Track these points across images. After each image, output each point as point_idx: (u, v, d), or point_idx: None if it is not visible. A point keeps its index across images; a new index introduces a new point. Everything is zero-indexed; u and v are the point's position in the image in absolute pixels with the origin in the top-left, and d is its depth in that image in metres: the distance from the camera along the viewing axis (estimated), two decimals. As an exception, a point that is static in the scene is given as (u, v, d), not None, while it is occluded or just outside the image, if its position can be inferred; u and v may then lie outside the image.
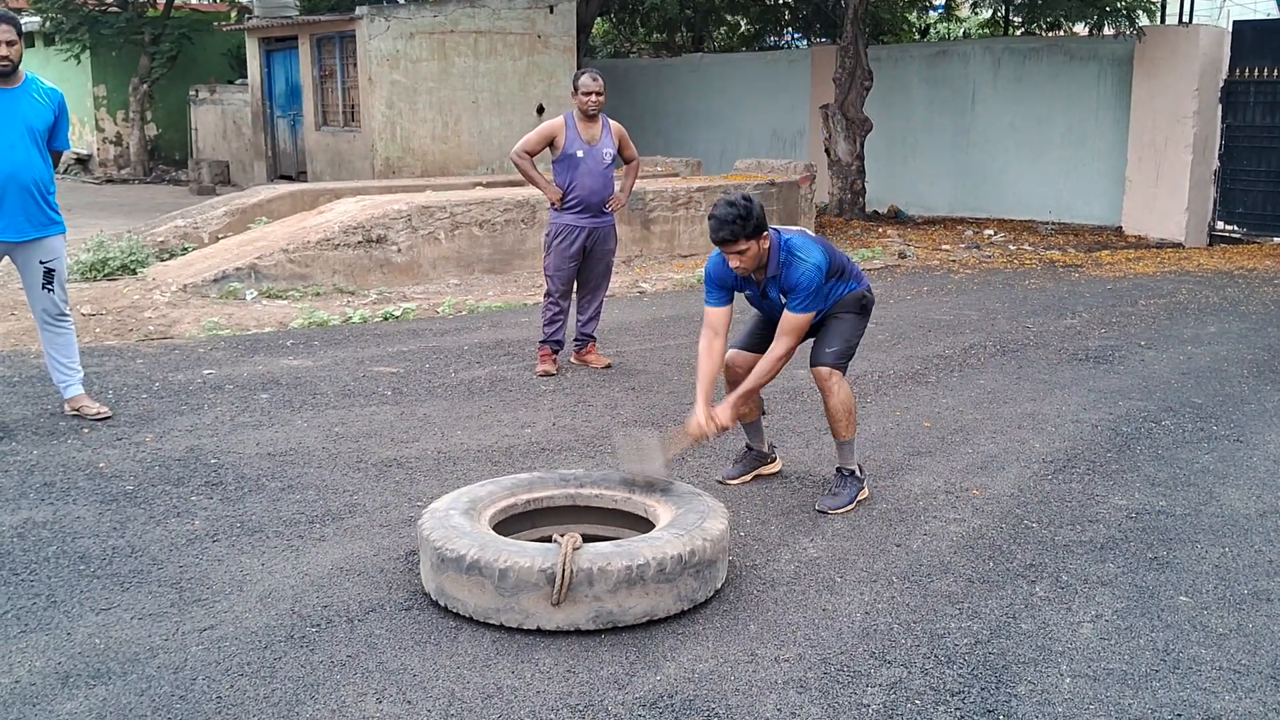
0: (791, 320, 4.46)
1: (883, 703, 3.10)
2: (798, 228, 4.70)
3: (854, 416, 4.66)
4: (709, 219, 4.37)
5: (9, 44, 5.29)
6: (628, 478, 4.18)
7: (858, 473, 4.71)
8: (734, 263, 4.41)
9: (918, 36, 23.45)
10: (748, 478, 4.94)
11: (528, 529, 4.06)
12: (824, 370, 4.59)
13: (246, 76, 19.51)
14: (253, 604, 3.66)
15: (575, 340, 7.10)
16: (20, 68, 5.42)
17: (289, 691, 3.12)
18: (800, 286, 4.41)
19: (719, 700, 3.10)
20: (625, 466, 4.25)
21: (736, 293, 4.66)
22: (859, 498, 4.67)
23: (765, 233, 4.37)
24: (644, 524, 3.99)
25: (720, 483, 4.87)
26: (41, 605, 3.63)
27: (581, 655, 3.34)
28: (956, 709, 3.07)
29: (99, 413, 5.66)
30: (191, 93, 21.73)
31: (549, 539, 3.66)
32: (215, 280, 9.12)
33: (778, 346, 4.48)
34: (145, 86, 21.81)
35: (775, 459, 5.07)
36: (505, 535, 3.84)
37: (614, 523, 4.11)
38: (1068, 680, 3.24)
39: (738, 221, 4.28)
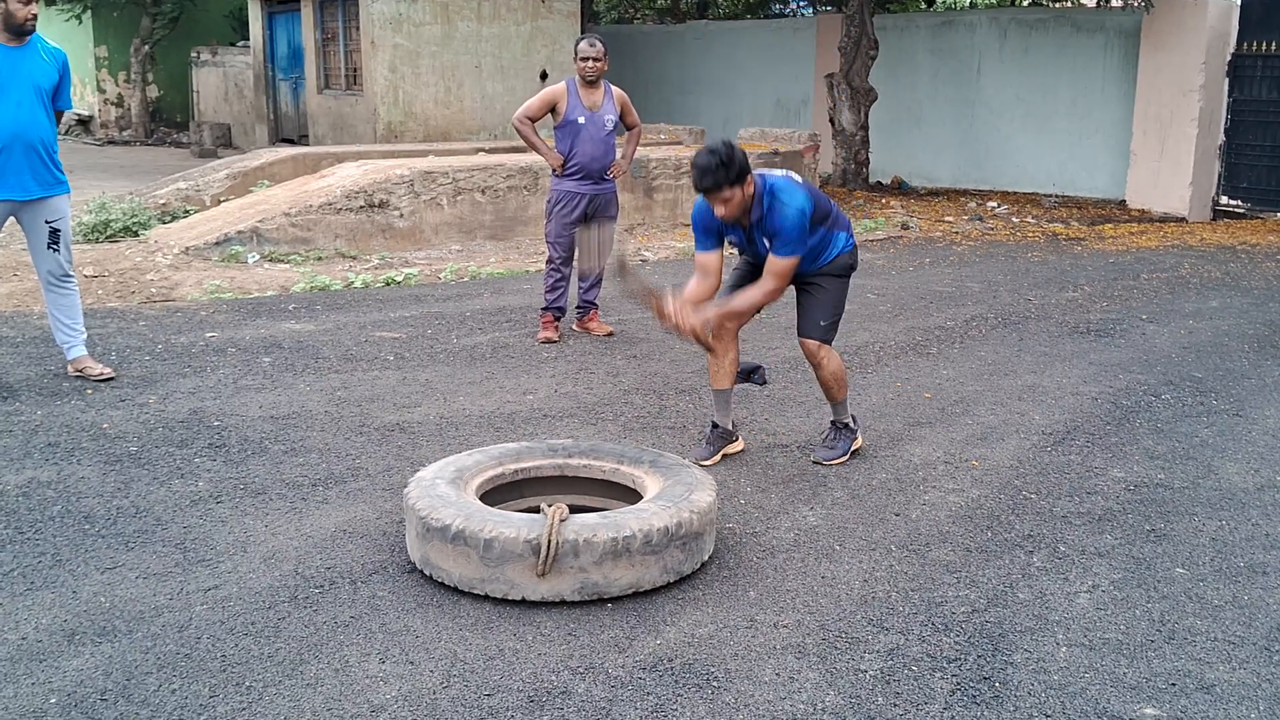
0: (776, 264, 4.45)
1: (880, 669, 3.13)
2: (783, 170, 4.64)
3: (844, 380, 4.79)
4: (691, 167, 4.32)
5: (35, 0, 5.33)
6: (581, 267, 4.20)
7: (851, 424, 4.83)
8: (719, 210, 4.36)
9: (924, 6, 23.29)
10: (717, 458, 4.84)
11: (515, 499, 4.05)
12: (813, 344, 4.70)
13: (248, 38, 19.39)
14: (256, 565, 3.68)
15: (577, 308, 7.10)
16: None
17: (292, 651, 3.15)
18: (784, 231, 4.38)
19: (718, 664, 3.13)
20: (580, 251, 4.27)
21: (725, 237, 4.63)
22: (853, 447, 4.80)
23: (749, 177, 4.33)
24: (632, 495, 3.98)
25: (694, 464, 4.78)
26: (47, 564, 3.66)
27: (582, 619, 3.37)
28: (953, 676, 3.10)
29: (102, 373, 5.68)
30: (193, 54, 21.61)
31: (536, 509, 3.66)
32: (217, 243, 9.11)
33: (764, 284, 4.49)
34: (147, 48, 21.70)
35: (738, 438, 4.97)
36: (492, 505, 3.83)
37: (602, 494, 4.10)
38: (1064, 649, 3.27)
39: (720, 169, 4.23)
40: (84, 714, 2.83)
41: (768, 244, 4.49)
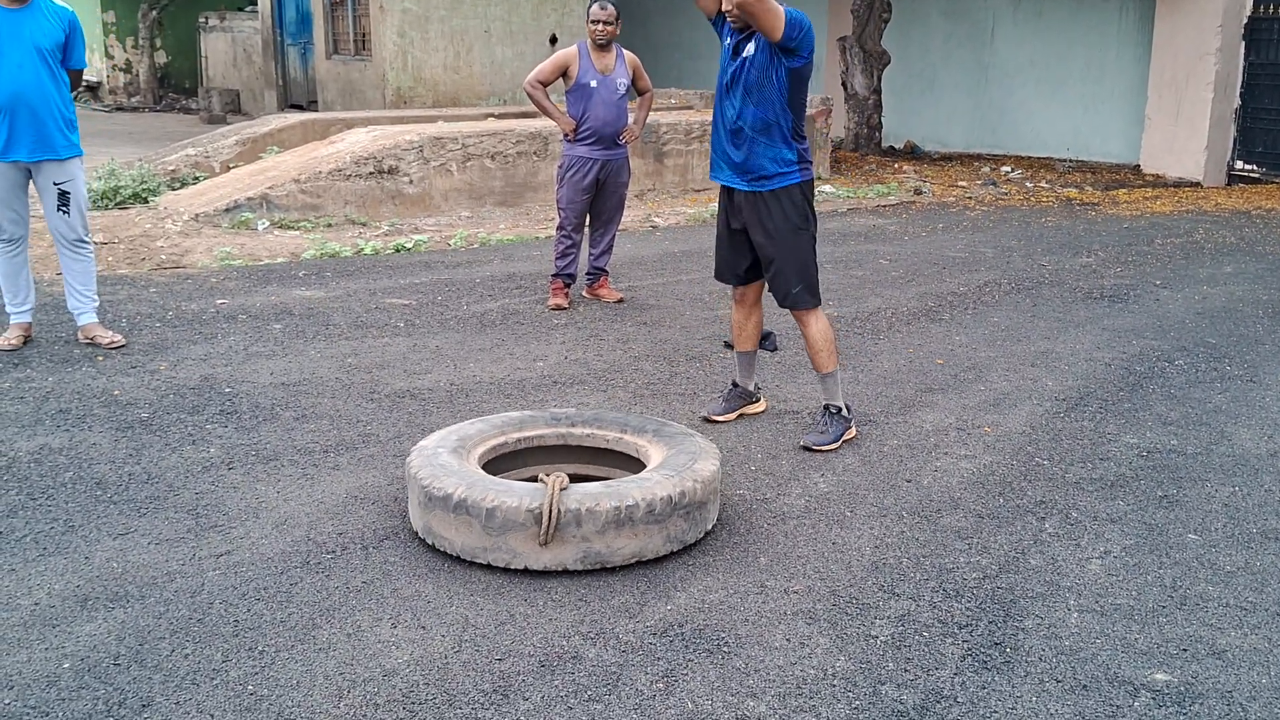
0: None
1: (891, 634, 3.13)
2: None
3: (834, 348, 4.59)
4: None
5: None
6: None
7: (844, 410, 4.63)
8: (727, 5, 4.23)
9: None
10: (732, 416, 4.86)
11: (518, 468, 4.03)
12: (795, 312, 4.60)
13: (256, 3, 19.29)
14: (268, 531, 3.69)
15: (587, 274, 7.08)
16: None
17: (305, 616, 3.16)
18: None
19: (729, 630, 3.14)
20: None
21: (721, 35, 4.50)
22: (845, 436, 4.59)
23: None
24: (635, 464, 3.96)
25: (705, 419, 4.81)
26: (60, 529, 3.67)
27: (593, 585, 3.37)
28: (964, 641, 3.10)
29: (112, 341, 5.68)
30: (201, 20, 21.52)
31: (537, 479, 3.64)
32: (227, 210, 9.10)
33: None
34: (155, 13, 21.63)
35: (760, 399, 5.00)
36: (495, 474, 3.82)
37: (605, 463, 4.08)
38: (1075, 615, 3.26)
39: None
40: (97, 678, 2.85)
41: (751, 49, 4.30)
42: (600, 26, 6.55)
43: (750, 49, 4.35)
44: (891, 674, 2.94)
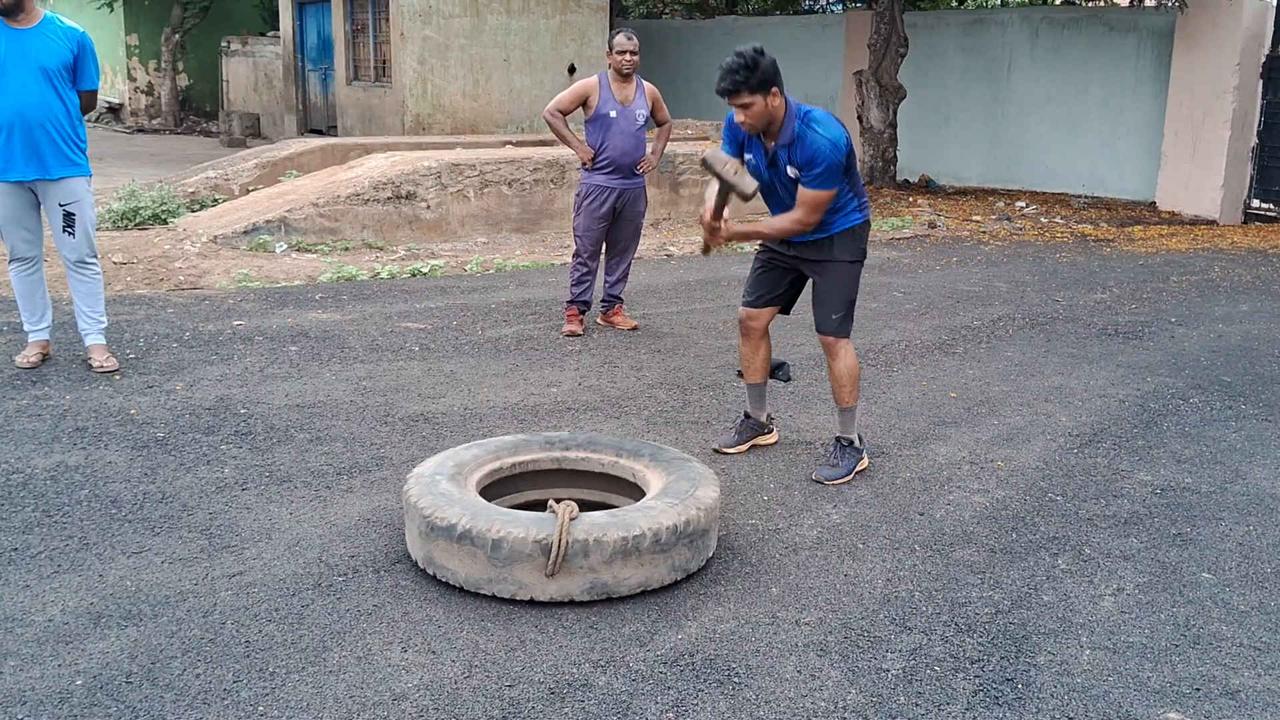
0: (809, 196, 4.26)
1: (902, 668, 3.12)
2: (823, 110, 4.46)
3: (857, 383, 4.61)
4: (718, 70, 4.17)
5: None
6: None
7: (857, 443, 4.64)
8: (739, 118, 4.22)
9: (955, 3, 23.17)
10: (744, 447, 4.86)
11: (513, 493, 4.01)
12: (829, 339, 4.58)
13: (278, 29, 19.49)
14: (281, 552, 3.71)
15: (602, 301, 7.10)
16: (37, 7, 5.39)
17: (316, 638, 3.16)
18: (817, 161, 4.20)
19: (740, 660, 3.13)
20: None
21: (746, 154, 4.46)
22: (858, 468, 4.61)
23: (774, 89, 4.16)
24: (630, 488, 3.95)
25: (716, 451, 4.81)
26: (74, 547, 3.69)
27: (604, 613, 3.37)
28: (975, 677, 3.09)
29: (102, 366, 5.63)
30: (223, 44, 21.75)
31: (533, 503, 3.60)
32: (245, 232, 9.16)
33: (795, 213, 4.30)
34: (177, 36, 21.85)
35: (773, 430, 5.00)
36: (490, 500, 3.80)
37: (600, 487, 4.06)
38: (1087, 652, 3.25)
39: (741, 71, 4.07)
40: (109, 696, 2.85)
41: (793, 173, 4.32)
42: (627, 56, 6.60)
43: (793, 172, 4.35)
44: (903, 708, 2.93)
